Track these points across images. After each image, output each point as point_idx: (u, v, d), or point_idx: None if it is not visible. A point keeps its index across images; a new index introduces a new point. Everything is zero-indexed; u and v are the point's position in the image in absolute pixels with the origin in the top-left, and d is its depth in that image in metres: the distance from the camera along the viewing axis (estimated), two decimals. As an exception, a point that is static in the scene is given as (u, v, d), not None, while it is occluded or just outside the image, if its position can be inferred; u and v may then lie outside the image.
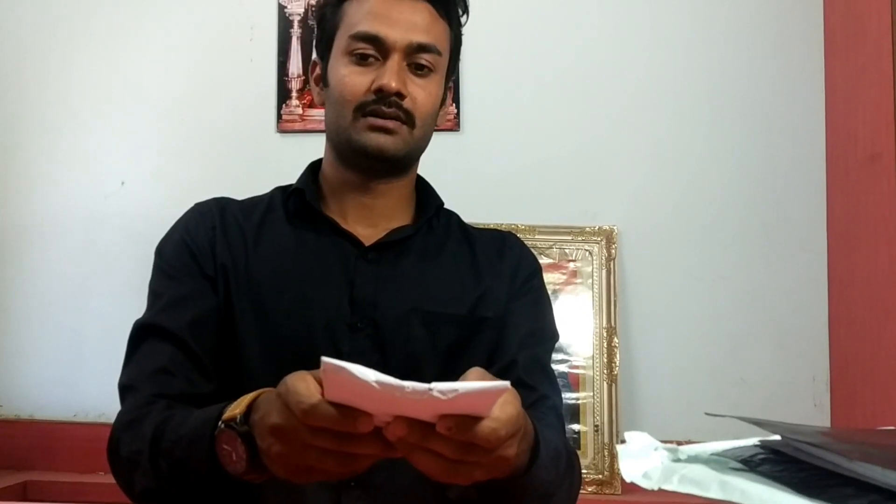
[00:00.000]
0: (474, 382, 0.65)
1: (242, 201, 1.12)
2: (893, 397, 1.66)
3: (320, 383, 0.68)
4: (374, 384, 0.59)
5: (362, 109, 1.02)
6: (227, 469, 0.78)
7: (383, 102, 1.01)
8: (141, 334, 1.01)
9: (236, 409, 0.78)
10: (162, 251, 1.07)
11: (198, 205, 1.11)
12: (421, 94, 1.04)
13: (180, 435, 0.85)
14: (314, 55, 1.13)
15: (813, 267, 1.94)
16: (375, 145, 1.02)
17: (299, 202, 1.09)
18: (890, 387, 1.67)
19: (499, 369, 1.04)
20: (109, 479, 0.96)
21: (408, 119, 1.03)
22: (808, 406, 1.89)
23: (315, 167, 1.14)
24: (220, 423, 0.79)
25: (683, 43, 1.99)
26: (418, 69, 1.04)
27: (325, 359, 0.61)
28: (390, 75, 1.00)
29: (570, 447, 0.99)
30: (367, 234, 1.07)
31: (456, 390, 0.60)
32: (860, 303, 1.80)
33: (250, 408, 0.77)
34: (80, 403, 1.96)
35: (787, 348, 1.92)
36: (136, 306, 1.06)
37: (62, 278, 2.03)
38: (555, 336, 1.13)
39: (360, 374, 0.59)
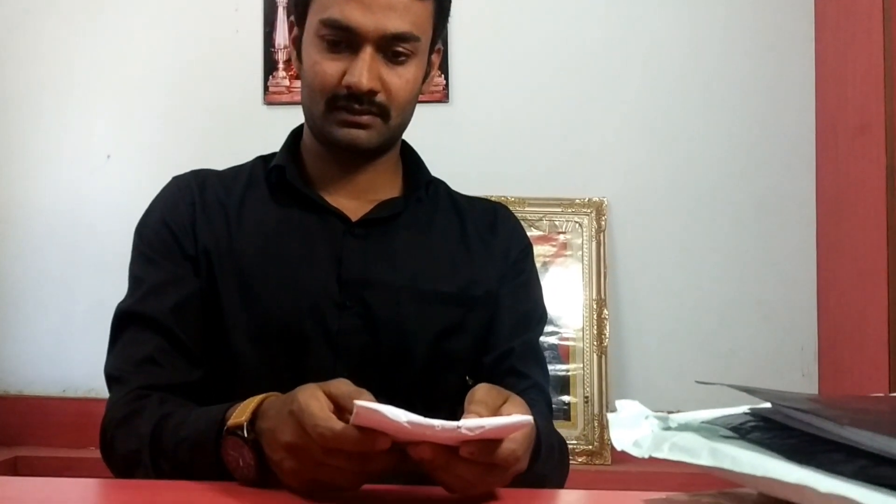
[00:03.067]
0: (499, 419, 0.67)
1: (222, 172, 1.09)
2: (880, 367, 1.67)
3: (329, 395, 0.69)
4: (406, 424, 0.62)
5: (334, 103, 0.98)
6: (233, 473, 0.77)
7: (355, 99, 0.97)
8: (123, 321, 0.99)
9: (241, 416, 0.76)
10: (141, 233, 1.04)
11: (175, 179, 1.07)
12: (397, 83, 0.98)
13: (181, 437, 0.83)
14: (291, 15, 1.06)
15: (802, 238, 1.94)
16: (348, 140, 0.99)
17: (281, 177, 1.05)
18: (877, 356, 1.68)
19: (494, 358, 1.04)
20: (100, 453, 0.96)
21: (382, 112, 0.99)
22: (795, 376, 1.91)
23: (297, 134, 1.11)
24: (224, 428, 0.77)
25: (673, 15, 1.98)
26: (395, 56, 0.98)
27: (357, 402, 0.62)
28: (360, 72, 0.95)
29: (560, 436, 1.00)
30: (353, 207, 1.04)
31: (483, 427, 0.63)
32: (848, 273, 1.81)
33: (255, 414, 0.76)
34: (69, 379, 1.96)
35: (775, 319, 1.93)
36: (124, 282, 1.04)
37: (49, 255, 2.01)
38: (545, 317, 1.13)
39: (392, 416, 0.61)
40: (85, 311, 1.97)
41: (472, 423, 0.63)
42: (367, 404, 0.61)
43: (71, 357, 1.97)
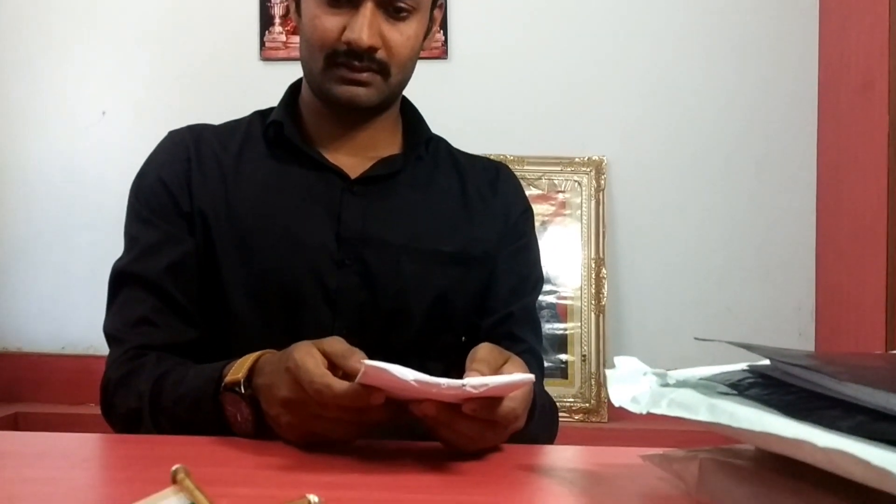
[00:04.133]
0: (503, 377, 0.68)
1: (218, 127, 1.07)
2: (877, 327, 1.67)
3: (323, 352, 0.70)
4: (413, 383, 0.63)
5: (333, 59, 0.96)
6: (232, 428, 0.79)
7: (354, 56, 0.95)
8: (119, 281, 0.98)
9: (238, 372, 0.78)
10: (136, 191, 1.02)
11: (171, 134, 1.06)
12: (398, 39, 0.97)
13: (180, 394, 0.84)
14: None
15: (801, 198, 1.94)
16: (347, 97, 0.97)
17: (279, 133, 1.04)
18: (873, 316, 1.68)
19: (492, 322, 1.04)
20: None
21: (382, 69, 0.97)
22: (792, 336, 1.91)
23: (295, 89, 1.09)
24: (222, 385, 0.79)
25: (676, -31, 1.95)
26: (396, 12, 0.96)
27: (366, 361, 0.63)
28: (361, 28, 0.93)
29: (551, 398, 1.02)
30: (352, 164, 1.03)
31: (487, 385, 0.64)
32: (848, 234, 1.81)
33: (251, 370, 0.78)
34: (68, 336, 1.96)
35: (773, 279, 1.93)
36: (121, 239, 1.03)
37: (45, 211, 2.01)
38: (542, 280, 1.13)
39: (400, 374, 0.62)
40: (82, 268, 1.97)
41: (476, 381, 0.64)
42: (375, 363, 0.62)
43: (70, 314, 1.97)
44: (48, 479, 0.60)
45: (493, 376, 0.67)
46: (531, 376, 0.69)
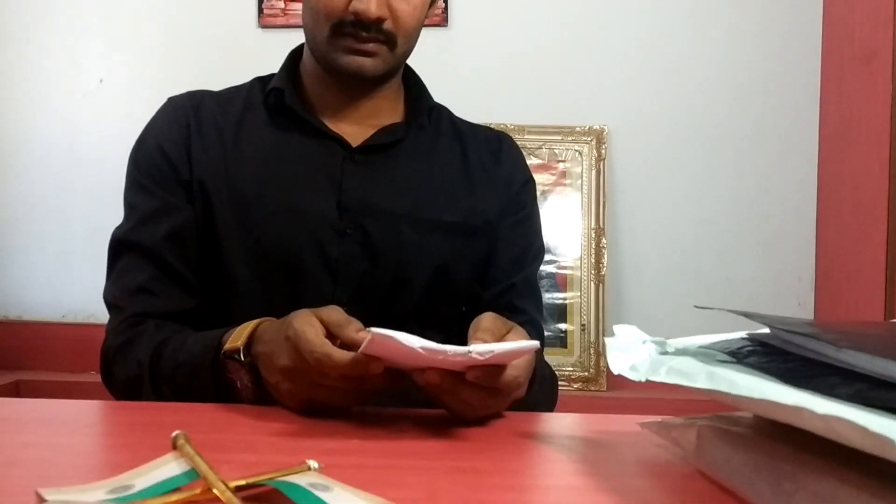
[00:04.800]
0: (507, 343, 0.69)
1: (218, 94, 1.06)
2: (876, 297, 1.67)
3: (321, 321, 0.71)
4: (420, 350, 0.63)
5: (339, 29, 0.95)
6: (231, 395, 0.80)
7: (361, 27, 0.94)
8: (118, 249, 0.98)
9: (237, 340, 0.78)
10: (135, 159, 1.02)
11: (170, 100, 1.05)
12: (405, 10, 0.96)
13: (179, 361, 0.85)
14: None
15: (803, 168, 1.93)
16: (354, 68, 0.97)
17: (280, 101, 1.03)
18: (873, 287, 1.68)
19: (494, 294, 1.04)
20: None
21: (388, 40, 0.96)
22: (791, 305, 1.92)
23: (296, 55, 1.08)
24: (221, 352, 0.79)
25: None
26: None
27: (373, 329, 0.63)
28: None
29: (551, 369, 1.02)
30: (354, 132, 1.02)
31: (492, 351, 0.65)
32: (848, 204, 1.80)
33: (251, 338, 0.78)
34: (69, 305, 1.97)
35: (773, 249, 1.93)
36: (120, 207, 1.03)
37: (44, 180, 2.00)
38: (543, 251, 1.13)
39: (406, 342, 0.62)
40: (82, 237, 1.97)
41: (482, 348, 0.64)
42: (382, 331, 0.62)
43: (70, 283, 1.97)
44: (49, 444, 0.60)
45: (498, 343, 0.68)
46: (535, 343, 0.70)
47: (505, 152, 1.11)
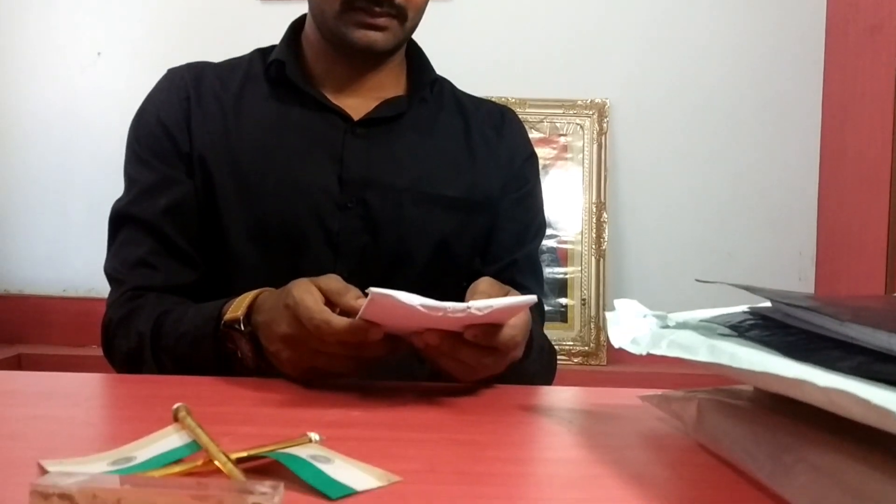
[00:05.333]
0: (505, 298, 0.69)
1: (218, 65, 1.06)
2: (877, 272, 1.67)
3: (320, 290, 0.71)
4: (419, 307, 0.63)
5: (351, 3, 0.95)
6: (232, 365, 0.80)
7: (374, 1, 0.94)
8: (118, 222, 0.98)
9: (237, 310, 0.79)
10: (135, 131, 1.01)
11: (170, 72, 1.04)
12: None
13: (180, 333, 0.85)
14: None
15: (806, 142, 1.92)
16: (365, 42, 0.96)
17: (280, 73, 1.02)
18: (874, 261, 1.68)
19: (496, 270, 1.04)
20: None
21: (399, 14, 0.96)
22: (792, 280, 1.92)
23: (297, 27, 1.07)
24: (221, 323, 0.80)
25: None
26: None
27: (372, 289, 0.63)
28: None
29: (550, 342, 1.03)
30: (355, 105, 1.02)
31: (490, 306, 0.65)
32: (851, 178, 1.80)
33: (250, 308, 0.78)
34: (69, 279, 1.97)
35: (775, 224, 1.93)
36: (120, 180, 1.03)
37: (43, 154, 1.99)
38: (544, 227, 1.13)
39: (406, 300, 0.62)
40: (82, 211, 1.96)
41: (480, 304, 0.65)
42: (381, 290, 0.62)
43: (70, 257, 1.97)
44: (51, 417, 0.60)
45: (497, 298, 0.68)
46: (533, 298, 0.70)
47: (508, 127, 1.10)
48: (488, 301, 0.66)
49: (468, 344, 0.68)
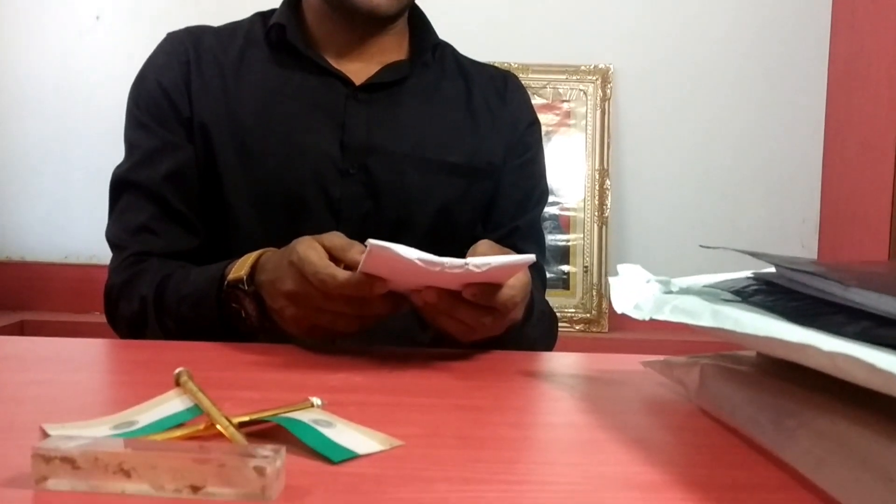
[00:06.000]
0: (504, 256, 0.69)
1: (218, 29, 1.04)
2: (881, 240, 1.67)
3: (324, 247, 0.71)
4: (417, 261, 0.63)
5: None
6: (237, 325, 0.80)
7: None
8: (119, 188, 0.98)
9: (240, 270, 0.79)
10: (135, 96, 1.00)
11: (169, 36, 1.03)
12: None
13: (183, 295, 0.85)
14: None
15: (810, 108, 1.91)
16: (369, 7, 0.95)
17: (281, 37, 1.01)
18: (878, 229, 1.67)
19: (498, 236, 1.03)
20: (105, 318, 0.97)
21: None
22: (794, 248, 1.91)
23: None
24: (224, 283, 0.80)
25: None
26: None
27: (371, 241, 0.63)
28: None
29: (551, 309, 1.03)
30: (357, 69, 1.01)
31: (489, 264, 0.65)
32: (856, 145, 1.78)
33: (253, 268, 0.79)
34: (71, 246, 1.97)
35: (778, 191, 1.92)
36: (120, 147, 1.02)
37: (43, 120, 1.98)
38: (547, 193, 1.13)
39: (404, 253, 0.62)
40: (82, 177, 1.96)
41: (479, 261, 0.65)
42: (379, 242, 0.62)
43: (71, 224, 1.97)
44: (52, 381, 0.60)
45: (495, 256, 0.68)
46: (531, 257, 0.70)
47: (511, 92, 1.09)
48: (486, 258, 0.66)
49: (466, 303, 0.69)
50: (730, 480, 0.41)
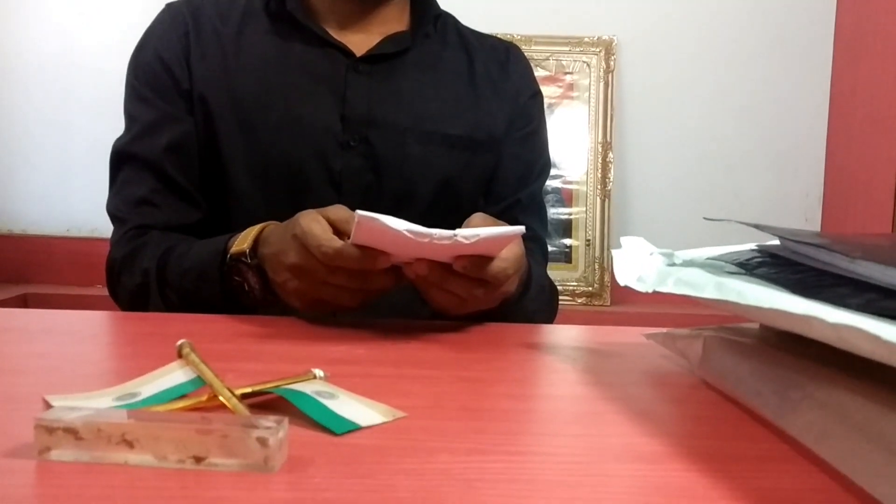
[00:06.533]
0: (493, 228, 0.68)
1: (218, 0, 1.04)
2: (885, 213, 1.66)
3: (327, 219, 0.71)
4: (405, 233, 0.63)
5: None
6: (238, 299, 0.81)
7: None
8: (119, 160, 0.98)
9: (243, 243, 0.79)
10: (134, 68, 1.00)
11: (168, 7, 1.02)
12: None
13: (185, 268, 0.85)
14: None
15: (816, 80, 1.89)
16: None
17: (281, 7, 1.00)
18: (881, 203, 1.67)
19: (499, 209, 1.03)
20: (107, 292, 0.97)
21: None
22: (798, 221, 1.91)
23: None
24: (227, 256, 0.80)
25: None
26: None
27: (359, 212, 0.63)
28: None
29: (552, 282, 1.03)
30: (358, 41, 1.00)
31: (478, 235, 0.65)
32: (861, 118, 1.77)
33: (256, 241, 0.79)
34: (73, 218, 1.97)
35: (782, 164, 1.91)
36: (121, 118, 1.01)
37: (44, 92, 1.97)
38: (549, 166, 1.12)
39: (392, 224, 0.63)
40: (83, 150, 1.95)
41: (467, 232, 0.65)
42: (367, 214, 0.63)
43: (73, 196, 1.97)
44: (54, 353, 0.60)
45: (485, 228, 0.68)
46: (521, 228, 0.69)
47: (513, 64, 1.08)
48: (476, 230, 0.65)
49: (458, 275, 0.69)
50: (732, 452, 0.41)
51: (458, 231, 0.65)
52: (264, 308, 0.80)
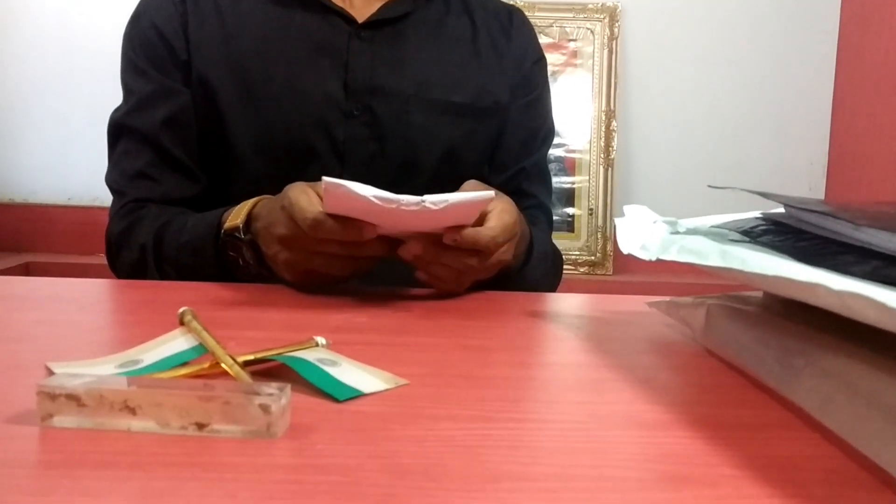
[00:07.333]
0: (462, 193, 0.68)
1: None
2: (889, 182, 1.65)
3: (319, 195, 0.71)
4: (372, 198, 0.63)
5: None
6: (235, 272, 0.81)
7: None
8: (117, 132, 0.97)
9: (236, 218, 0.79)
10: (130, 39, 0.98)
11: None
12: None
13: (182, 242, 0.85)
14: None
15: (822, 48, 1.87)
16: None
17: None
18: (886, 172, 1.66)
19: (504, 178, 1.03)
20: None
21: None
22: (801, 190, 1.90)
23: None
24: (221, 231, 0.80)
25: None
26: None
27: (325, 178, 0.64)
28: None
29: (556, 248, 1.03)
30: (359, 6, 0.99)
31: (446, 201, 0.65)
32: (867, 86, 1.76)
33: (249, 216, 0.78)
34: (73, 188, 1.96)
35: (787, 133, 1.90)
36: (119, 88, 1.00)
37: (44, 60, 1.95)
38: (553, 133, 1.11)
39: (359, 190, 0.63)
40: (83, 119, 1.94)
41: (435, 198, 0.65)
42: (334, 180, 0.63)
43: (73, 166, 1.96)
44: (56, 321, 0.60)
45: (453, 193, 0.68)
46: (490, 193, 0.70)
47: (516, 29, 1.07)
48: (444, 195, 0.65)
49: (449, 248, 0.70)
50: (735, 419, 0.41)
51: (426, 197, 0.65)
52: (260, 283, 0.80)
